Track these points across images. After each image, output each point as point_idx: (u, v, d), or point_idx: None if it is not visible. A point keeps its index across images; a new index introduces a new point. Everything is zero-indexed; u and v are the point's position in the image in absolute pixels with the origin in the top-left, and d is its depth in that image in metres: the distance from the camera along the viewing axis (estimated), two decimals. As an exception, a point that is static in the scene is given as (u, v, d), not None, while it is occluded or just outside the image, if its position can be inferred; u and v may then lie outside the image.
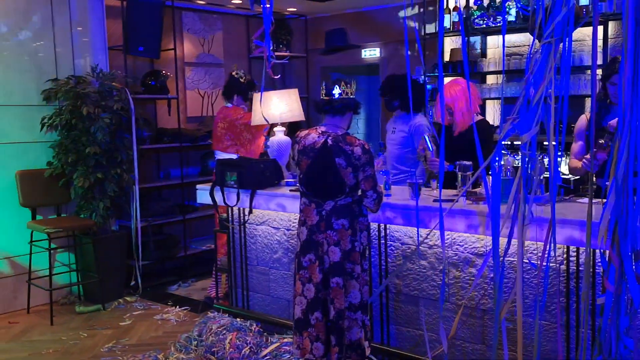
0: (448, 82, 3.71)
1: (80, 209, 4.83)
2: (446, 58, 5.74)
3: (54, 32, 4.88)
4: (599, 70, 4.74)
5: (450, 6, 5.54)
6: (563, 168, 4.50)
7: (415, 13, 6.08)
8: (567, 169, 4.52)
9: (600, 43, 4.77)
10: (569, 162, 3.47)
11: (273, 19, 2.01)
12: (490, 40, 5.64)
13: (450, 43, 5.79)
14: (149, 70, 5.63)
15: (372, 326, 3.48)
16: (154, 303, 4.83)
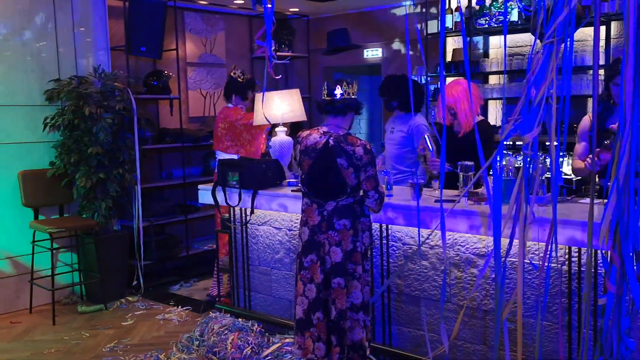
0: (449, 83, 3.71)
1: (83, 209, 4.84)
2: (448, 58, 5.73)
3: (57, 33, 4.89)
4: (601, 71, 4.74)
5: (453, 6, 5.54)
6: (565, 168, 4.49)
7: (417, 13, 6.08)
8: (571, 169, 4.52)
9: (602, 43, 4.76)
10: (573, 163, 3.46)
11: (275, 19, 2.01)
12: (493, 40, 5.64)
13: (453, 43, 5.78)
14: (151, 71, 5.64)
15: (374, 326, 3.48)
16: (155, 303, 4.83)
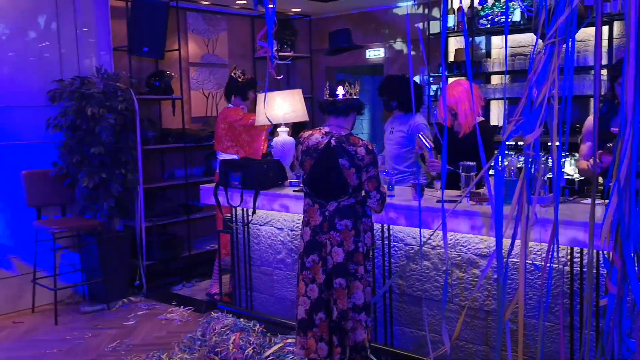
0: (451, 83, 3.70)
1: (85, 209, 4.85)
2: (451, 58, 5.72)
3: (59, 33, 4.90)
4: (603, 71, 4.73)
5: (455, 6, 5.53)
6: (567, 169, 4.48)
7: (420, 13, 6.07)
8: (576, 170, 4.52)
9: (605, 43, 4.75)
10: (578, 164, 3.46)
11: (276, 20, 2.01)
12: (495, 41, 5.62)
13: (455, 43, 5.77)
14: (154, 71, 5.65)
15: (376, 327, 3.48)
16: (158, 303, 4.84)
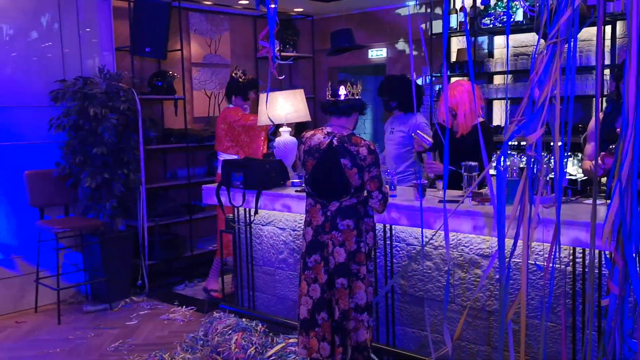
0: (452, 84, 3.69)
1: (88, 209, 4.86)
2: (453, 58, 5.72)
3: (62, 33, 4.91)
4: (606, 71, 4.72)
5: (457, 6, 5.52)
6: (570, 169, 4.48)
7: (422, 13, 6.07)
8: (579, 170, 4.51)
9: (608, 43, 4.74)
10: (582, 164, 3.45)
11: (278, 20, 2.02)
12: (498, 40, 5.62)
13: (458, 43, 5.76)
14: (156, 71, 5.65)
15: (378, 327, 3.48)
16: (160, 303, 4.85)
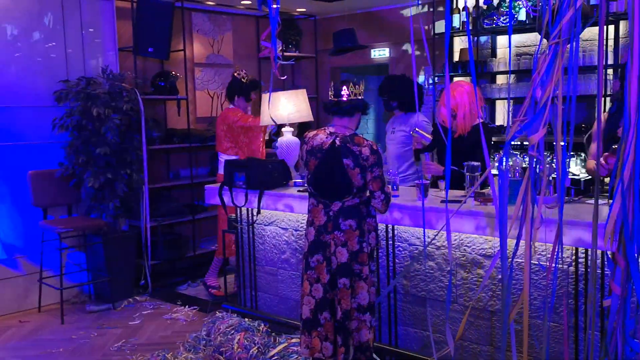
0: (452, 85, 3.69)
1: (91, 209, 4.87)
2: (456, 58, 5.71)
3: (65, 34, 4.92)
4: (610, 70, 4.71)
5: (460, 6, 5.52)
6: (573, 168, 4.47)
7: (425, 13, 6.06)
8: (582, 169, 4.50)
9: (611, 42, 4.74)
10: (587, 164, 3.45)
11: (280, 20, 2.02)
12: (500, 40, 5.61)
13: (460, 43, 5.76)
14: (159, 71, 5.66)
15: (380, 327, 3.48)
16: (163, 302, 4.86)
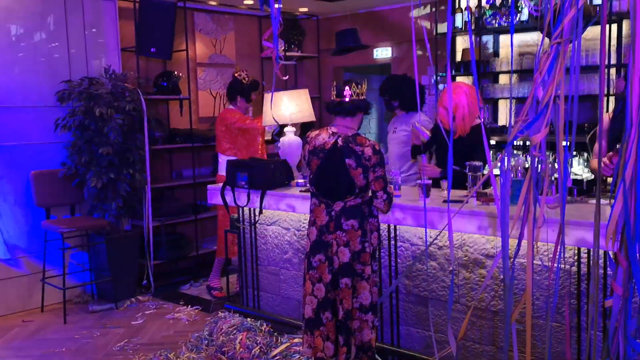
0: (453, 85, 3.68)
1: (94, 208, 4.87)
2: (458, 57, 5.70)
3: (68, 34, 4.93)
4: (612, 70, 4.70)
5: (462, 5, 5.51)
6: (575, 168, 4.46)
7: (428, 12, 6.05)
8: (585, 169, 4.49)
9: (614, 42, 4.73)
10: (591, 163, 3.44)
11: (282, 20, 2.02)
12: (503, 40, 5.60)
13: (463, 42, 5.75)
14: (161, 71, 5.67)
15: (382, 327, 3.48)
16: (165, 302, 4.86)
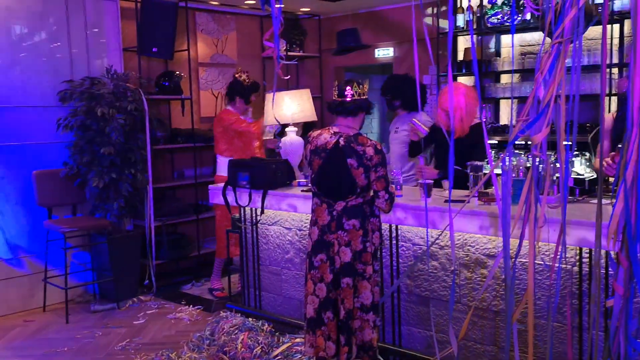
0: (448, 87, 3.69)
1: (95, 208, 4.88)
2: (460, 57, 5.70)
3: (70, 34, 4.94)
4: (614, 69, 4.69)
5: (464, 5, 5.51)
6: (577, 168, 4.45)
7: (429, 12, 6.05)
8: (587, 169, 4.48)
9: (616, 42, 4.72)
10: (594, 163, 3.43)
11: (283, 20, 2.02)
12: (505, 39, 5.59)
13: (465, 42, 5.74)
14: (163, 71, 5.67)
15: (384, 326, 3.48)
16: (167, 302, 4.87)
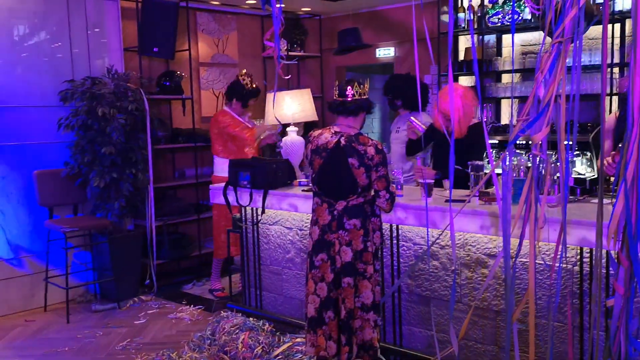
0: (447, 88, 3.68)
1: (96, 208, 4.88)
2: (461, 57, 5.69)
3: (71, 34, 4.94)
4: (615, 69, 4.69)
5: (465, 5, 5.50)
6: (578, 167, 4.45)
7: (430, 12, 6.04)
8: (587, 168, 4.48)
9: (617, 41, 4.71)
10: (597, 162, 3.44)
11: (284, 19, 2.02)
12: (506, 39, 5.58)
13: (466, 42, 5.74)
14: (164, 71, 5.67)
15: (384, 326, 3.48)
16: (168, 302, 4.87)
